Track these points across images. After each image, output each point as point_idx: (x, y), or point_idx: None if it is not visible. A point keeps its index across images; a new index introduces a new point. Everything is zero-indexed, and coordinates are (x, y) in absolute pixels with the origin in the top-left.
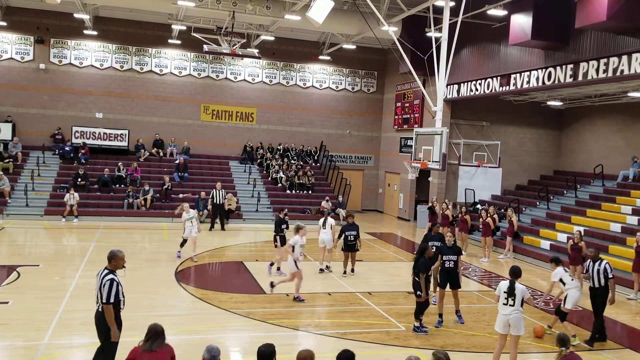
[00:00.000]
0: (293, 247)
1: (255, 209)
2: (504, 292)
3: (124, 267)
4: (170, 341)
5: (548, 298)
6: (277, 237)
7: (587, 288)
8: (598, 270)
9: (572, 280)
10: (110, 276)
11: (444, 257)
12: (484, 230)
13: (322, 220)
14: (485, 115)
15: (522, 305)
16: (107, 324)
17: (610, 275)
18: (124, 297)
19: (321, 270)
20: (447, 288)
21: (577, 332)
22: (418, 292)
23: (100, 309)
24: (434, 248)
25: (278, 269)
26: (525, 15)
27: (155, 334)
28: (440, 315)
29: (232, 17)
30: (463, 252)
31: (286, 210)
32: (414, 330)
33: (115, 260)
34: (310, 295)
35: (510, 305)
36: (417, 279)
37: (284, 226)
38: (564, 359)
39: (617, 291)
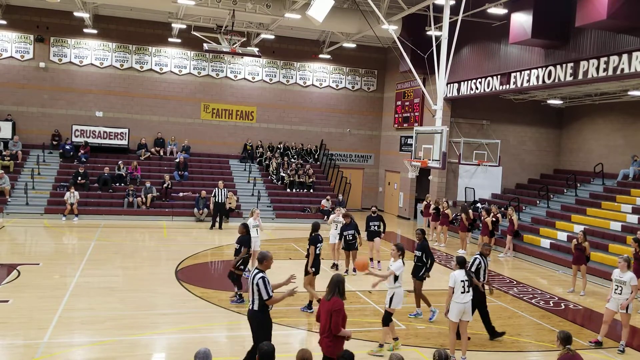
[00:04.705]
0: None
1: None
2: (462, 280)
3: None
4: (170, 340)
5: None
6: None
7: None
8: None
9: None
10: (261, 274)
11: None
12: (483, 229)
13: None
14: (486, 114)
15: None
16: (264, 322)
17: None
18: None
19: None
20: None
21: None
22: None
23: (253, 308)
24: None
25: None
26: (526, 14)
27: (332, 284)
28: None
29: (232, 15)
30: (463, 251)
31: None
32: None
33: (266, 261)
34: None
35: (467, 292)
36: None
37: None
38: (565, 358)
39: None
